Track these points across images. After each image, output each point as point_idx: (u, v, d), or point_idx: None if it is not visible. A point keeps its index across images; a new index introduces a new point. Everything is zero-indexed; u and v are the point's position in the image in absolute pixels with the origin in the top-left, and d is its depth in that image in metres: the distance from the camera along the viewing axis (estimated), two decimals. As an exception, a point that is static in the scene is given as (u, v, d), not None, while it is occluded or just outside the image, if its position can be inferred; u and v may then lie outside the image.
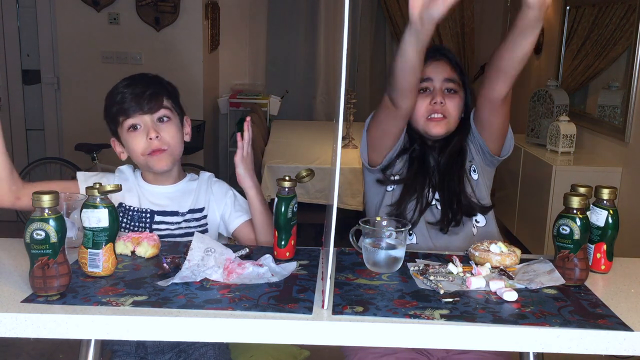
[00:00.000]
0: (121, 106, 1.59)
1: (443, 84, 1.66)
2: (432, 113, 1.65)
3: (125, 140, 1.63)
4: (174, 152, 1.64)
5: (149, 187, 1.70)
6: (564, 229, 1.28)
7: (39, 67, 4.78)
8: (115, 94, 1.62)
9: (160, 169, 1.63)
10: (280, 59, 5.79)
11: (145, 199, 1.67)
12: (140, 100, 1.59)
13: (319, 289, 1.22)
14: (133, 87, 1.60)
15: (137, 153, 1.62)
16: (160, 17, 4.61)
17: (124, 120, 1.60)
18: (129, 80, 1.64)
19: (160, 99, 1.62)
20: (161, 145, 1.60)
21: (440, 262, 1.40)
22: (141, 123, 1.60)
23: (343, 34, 1.06)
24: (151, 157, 1.61)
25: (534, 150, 4.00)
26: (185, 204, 1.68)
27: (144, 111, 1.59)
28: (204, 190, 1.72)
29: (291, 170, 1.69)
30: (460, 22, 5.52)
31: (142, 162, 1.64)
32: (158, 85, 1.64)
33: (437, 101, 1.64)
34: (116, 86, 1.63)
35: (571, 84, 4.24)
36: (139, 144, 1.60)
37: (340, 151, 1.10)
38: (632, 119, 3.36)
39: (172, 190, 1.70)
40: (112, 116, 1.63)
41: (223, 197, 1.73)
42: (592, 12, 4.02)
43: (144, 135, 1.60)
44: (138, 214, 1.64)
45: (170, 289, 1.19)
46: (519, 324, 1.09)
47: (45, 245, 1.12)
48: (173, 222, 1.65)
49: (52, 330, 1.08)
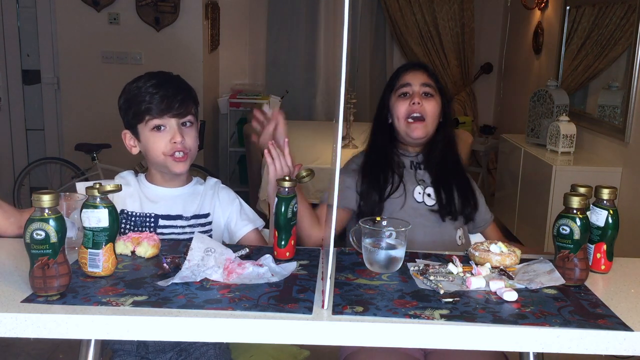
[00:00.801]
0: (151, 106, 1.60)
1: (421, 88, 1.81)
2: (412, 113, 1.79)
3: (145, 138, 1.64)
4: (192, 156, 1.67)
5: (154, 188, 1.70)
6: (564, 229, 1.28)
7: (39, 67, 4.78)
8: (142, 92, 1.61)
9: (179, 171, 1.65)
10: (280, 59, 5.78)
11: (147, 202, 1.67)
12: (171, 104, 1.60)
13: (319, 289, 1.22)
14: (165, 89, 1.61)
15: (158, 152, 1.62)
16: (160, 17, 4.62)
17: (151, 119, 1.61)
18: (156, 79, 1.63)
19: (190, 106, 1.65)
20: (184, 148, 1.63)
21: (440, 262, 1.40)
22: (167, 125, 1.62)
23: (343, 34, 1.06)
24: (172, 159, 1.62)
25: (534, 150, 4.00)
26: (190, 208, 1.68)
27: (173, 114, 1.61)
28: (210, 196, 1.72)
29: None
30: (460, 22, 5.52)
31: (160, 161, 1.64)
32: (187, 91, 1.66)
33: (415, 102, 1.78)
34: (142, 83, 1.62)
35: (571, 84, 4.24)
36: (162, 144, 1.62)
37: (340, 151, 1.10)
38: (632, 119, 3.36)
39: (178, 193, 1.70)
40: (137, 112, 1.62)
41: (229, 205, 1.73)
42: (592, 12, 4.02)
43: (168, 137, 1.61)
44: (141, 219, 1.64)
45: (170, 289, 1.19)
46: (519, 324, 1.09)
47: (45, 245, 1.12)
48: (177, 226, 1.65)
49: (52, 330, 1.08)
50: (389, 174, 1.79)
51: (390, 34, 5.71)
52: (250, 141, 3.83)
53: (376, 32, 5.78)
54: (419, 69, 1.85)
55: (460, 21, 5.51)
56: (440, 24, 5.51)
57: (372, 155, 1.85)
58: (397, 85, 1.83)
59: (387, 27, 5.69)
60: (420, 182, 1.81)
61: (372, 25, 5.75)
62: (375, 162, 1.82)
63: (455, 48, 5.57)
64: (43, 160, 4.51)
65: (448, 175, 1.82)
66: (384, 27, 5.75)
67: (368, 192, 1.77)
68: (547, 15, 4.73)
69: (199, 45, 4.73)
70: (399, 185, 1.78)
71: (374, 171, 1.80)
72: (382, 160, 1.82)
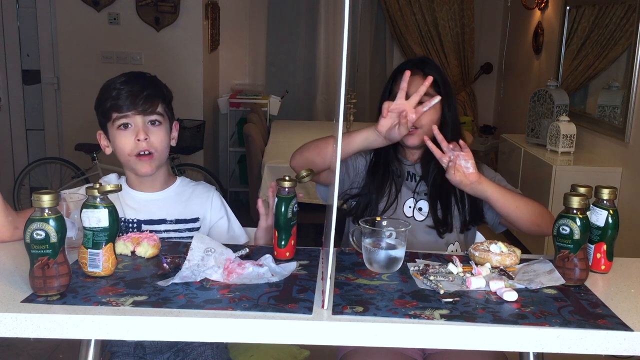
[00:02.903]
0: (116, 102, 1.58)
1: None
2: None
3: (113, 137, 1.62)
4: (160, 157, 1.62)
5: (134, 194, 1.67)
6: (564, 229, 1.28)
7: (39, 67, 4.78)
8: (110, 89, 1.59)
9: (144, 173, 1.62)
10: (280, 59, 5.79)
11: (129, 208, 1.64)
12: (135, 100, 1.57)
13: (319, 289, 1.22)
14: (131, 85, 1.59)
15: (124, 152, 1.60)
16: (160, 17, 4.62)
17: (116, 117, 1.59)
18: (126, 77, 1.62)
19: (155, 102, 1.61)
20: (149, 147, 1.59)
21: (440, 262, 1.40)
22: (132, 122, 1.59)
23: (343, 34, 1.06)
24: (137, 160, 1.60)
25: (534, 150, 4.00)
26: (174, 212, 1.66)
27: (138, 111, 1.58)
28: (202, 202, 1.70)
29: (291, 171, 1.69)
30: (460, 22, 5.52)
31: (126, 162, 1.62)
32: (155, 88, 1.63)
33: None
34: (113, 80, 1.61)
35: (571, 84, 4.24)
36: (127, 144, 1.59)
37: (340, 151, 1.10)
38: (632, 119, 3.37)
39: (158, 197, 1.68)
40: (104, 110, 1.60)
41: (217, 217, 1.72)
42: (592, 12, 4.02)
43: (133, 135, 1.58)
44: (125, 224, 1.62)
45: (170, 289, 1.19)
46: (519, 324, 1.09)
47: (45, 245, 1.12)
48: (162, 231, 1.63)
49: (52, 330, 1.08)
50: (386, 187, 1.75)
51: (390, 34, 5.71)
52: (251, 141, 3.82)
53: (376, 32, 5.79)
54: (417, 72, 1.72)
55: (460, 21, 5.51)
56: (440, 24, 5.51)
57: (373, 162, 1.80)
58: (394, 92, 1.71)
59: (387, 27, 5.69)
60: (414, 195, 1.76)
61: (372, 25, 5.76)
62: (376, 171, 1.78)
63: (455, 48, 5.57)
64: (43, 160, 4.51)
65: (448, 187, 1.70)
66: (384, 27, 5.75)
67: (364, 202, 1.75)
68: (547, 15, 4.73)
69: (199, 45, 4.73)
70: (394, 201, 1.74)
71: (374, 182, 1.76)
72: (383, 169, 1.78)
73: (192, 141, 4.32)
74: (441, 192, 1.74)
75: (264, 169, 3.56)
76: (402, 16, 5.49)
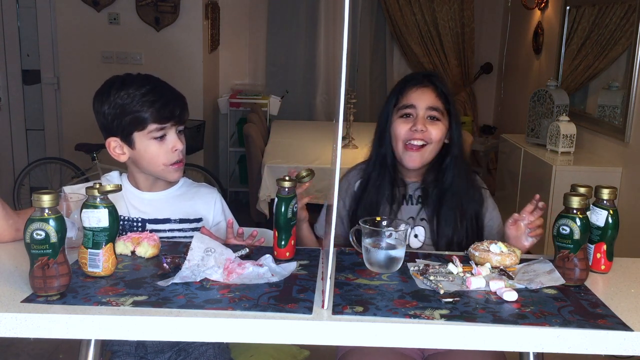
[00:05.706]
0: (153, 113, 1.54)
1: (426, 112, 1.67)
2: (411, 139, 1.66)
3: (142, 146, 1.57)
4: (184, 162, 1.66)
5: (138, 194, 1.67)
6: (564, 229, 1.28)
7: (39, 67, 4.78)
8: (138, 100, 1.54)
9: (175, 179, 1.66)
10: (280, 59, 5.78)
11: (133, 207, 1.65)
12: (174, 110, 1.58)
13: (319, 289, 1.22)
14: (163, 95, 1.57)
15: (157, 162, 1.59)
16: (160, 17, 4.61)
17: (155, 128, 1.56)
18: (149, 85, 1.57)
19: (187, 112, 1.63)
20: (183, 156, 1.63)
21: (440, 262, 1.40)
22: (168, 133, 1.59)
23: (343, 34, 1.06)
24: (172, 168, 1.61)
25: (534, 150, 3.99)
26: (178, 211, 1.67)
27: (175, 122, 1.59)
28: (205, 203, 1.71)
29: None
30: (460, 22, 5.51)
31: (158, 171, 1.61)
32: (183, 98, 1.64)
33: (417, 129, 1.65)
34: (133, 90, 1.55)
35: (571, 84, 4.24)
36: (163, 154, 1.58)
37: (340, 151, 1.10)
38: (632, 119, 3.36)
39: (163, 196, 1.68)
40: (134, 120, 1.55)
41: (218, 220, 1.73)
42: (592, 12, 4.02)
43: (169, 145, 1.59)
44: (129, 223, 1.62)
45: (170, 289, 1.19)
46: (519, 324, 1.09)
47: (45, 245, 1.13)
48: (166, 230, 1.64)
49: (52, 330, 1.08)
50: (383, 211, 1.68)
51: (390, 34, 5.70)
52: (251, 141, 3.82)
53: (376, 32, 5.78)
54: (427, 85, 1.68)
55: (460, 21, 5.51)
56: (440, 24, 5.51)
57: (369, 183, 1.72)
58: (401, 104, 1.68)
59: (387, 27, 5.69)
60: (410, 220, 1.68)
61: (372, 25, 5.75)
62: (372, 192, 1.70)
63: (455, 48, 5.57)
64: (43, 160, 4.51)
65: (449, 210, 1.66)
66: (384, 27, 5.75)
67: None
68: (547, 15, 4.73)
69: (199, 45, 4.73)
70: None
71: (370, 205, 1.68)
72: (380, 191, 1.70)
73: (192, 141, 4.32)
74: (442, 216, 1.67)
75: (264, 169, 3.56)
76: (402, 16, 5.49)
